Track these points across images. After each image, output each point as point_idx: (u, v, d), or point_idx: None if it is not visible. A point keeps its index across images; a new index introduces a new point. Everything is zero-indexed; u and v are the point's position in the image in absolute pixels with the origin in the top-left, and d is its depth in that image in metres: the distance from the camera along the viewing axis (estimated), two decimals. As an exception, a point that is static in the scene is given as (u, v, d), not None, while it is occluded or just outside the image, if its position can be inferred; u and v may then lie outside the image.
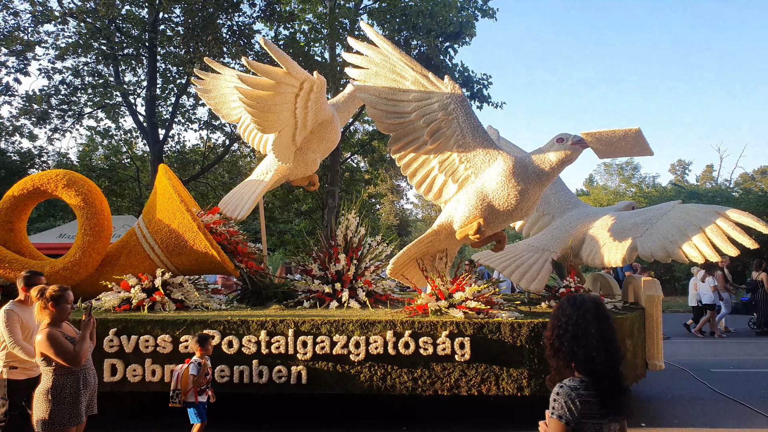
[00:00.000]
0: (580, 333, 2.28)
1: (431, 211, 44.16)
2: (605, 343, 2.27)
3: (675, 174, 48.14)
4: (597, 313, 2.31)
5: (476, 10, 18.43)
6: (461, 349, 5.37)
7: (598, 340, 2.26)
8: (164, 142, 19.40)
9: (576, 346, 2.27)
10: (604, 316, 2.34)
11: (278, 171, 7.46)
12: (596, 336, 2.27)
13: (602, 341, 2.27)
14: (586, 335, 2.27)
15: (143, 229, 6.71)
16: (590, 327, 2.28)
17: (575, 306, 2.35)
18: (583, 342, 2.26)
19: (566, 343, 2.29)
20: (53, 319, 3.82)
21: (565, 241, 7.03)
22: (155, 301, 6.17)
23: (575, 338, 2.28)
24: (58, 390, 3.74)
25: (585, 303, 2.35)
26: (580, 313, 2.32)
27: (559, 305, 2.45)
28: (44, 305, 3.82)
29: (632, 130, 5.45)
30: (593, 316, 2.30)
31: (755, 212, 11.45)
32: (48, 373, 3.77)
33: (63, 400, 3.72)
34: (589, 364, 2.24)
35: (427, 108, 5.95)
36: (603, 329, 2.29)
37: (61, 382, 3.75)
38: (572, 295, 2.45)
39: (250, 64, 5.51)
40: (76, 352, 3.76)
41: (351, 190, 21.05)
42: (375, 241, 7.31)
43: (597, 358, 2.24)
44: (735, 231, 5.68)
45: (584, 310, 2.32)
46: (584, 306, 2.34)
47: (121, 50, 18.14)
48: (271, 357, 5.48)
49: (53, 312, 3.82)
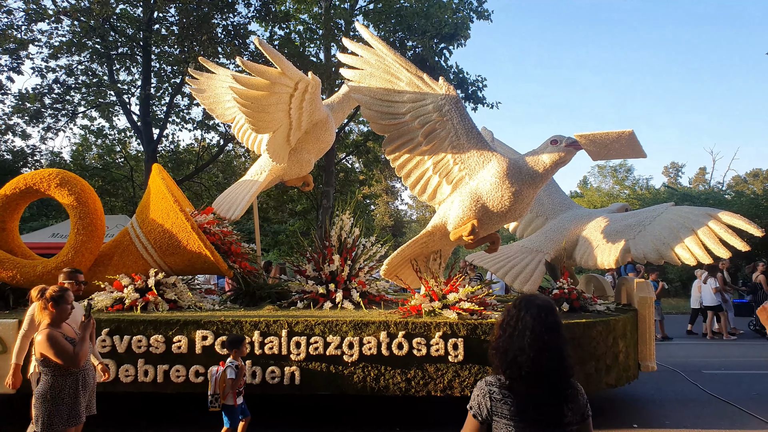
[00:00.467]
0: (516, 334, 2.19)
1: (426, 212, 44.21)
2: (536, 350, 2.15)
3: (668, 176, 48.38)
4: (538, 318, 2.20)
5: (471, 11, 18.49)
6: (455, 350, 5.38)
7: (529, 345, 2.15)
8: (158, 141, 19.34)
9: (509, 346, 2.20)
10: (548, 322, 2.21)
11: (272, 171, 7.45)
12: (528, 340, 2.16)
13: (533, 347, 2.15)
14: (520, 337, 2.18)
15: (136, 229, 6.68)
16: (526, 330, 2.18)
17: (519, 306, 2.26)
18: (516, 343, 2.18)
19: (501, 343, 2.23)
20: (53, 320, 3.80)
21: (558, 242, 7.06)
22: (148, 301, 6.14)
23: (510, 338, 2.21)
24: (56, 391, 3.72)
25: (530, 305, 2.25)
26: (521, 314, 2.23)
27: (509, 304, 2.37)
28: (44, 305, 3.81)
29: (626, 132, 5.48)
30: (533, 319, 2.20)
31: (747, 215, 11.52)
32: (46, 374, 3.75)
33: (62, 401, 3.71)
34: (513, 366, 2.16)
35: (422, 109, 5.96)
36: (538, 334, 2.18)
37: (59, 383, 3.73)
38: (525, 295, 2.36)
39: (245, 64, 5.50)
40: (75, 353, 3.74)
41: (345, 191, 21.05)
42: (369, 242, 7.30)
43: (523, 363, 2.14)
44: (726, 233, 5.72)
45: (525, 312, 2.23)
46: (528, 308, 2.24)
47: (115, 49, 18.07)
48: (265, 357, 5.46)
49: (53, 312, 3.80)
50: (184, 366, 5.45)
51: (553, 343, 2.17)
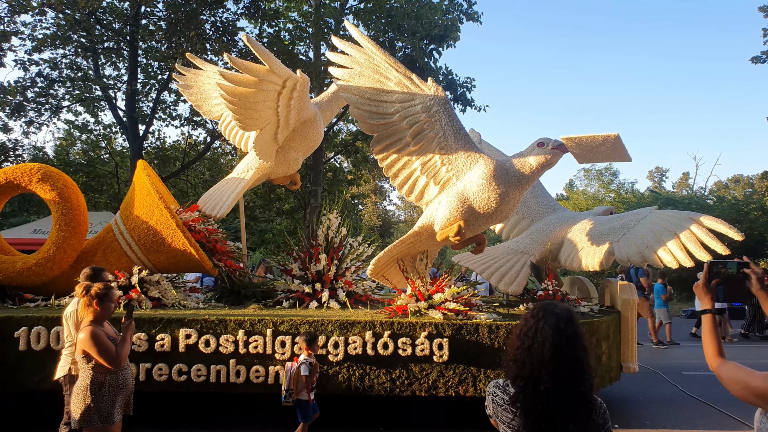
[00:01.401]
0: (536, 346, 2.08)
1: (414, 212, 44.26)
2: (555, 364, 2.05)
3: (653, 181, 48.90)
4: (557, 327, 2.10)
5: (461, 13, 18.55)
6: (440, 350, 5.39)
7: (549, 358, 2.05)
8: (144, 138, 19.17)
9: (527, 359, 2.09)
10: (567, 333, 2.10)
11: (259, 169, 7.42)
12: (548, 353, 2.05)
13: (553, 361, 2.05)
14: (539, 349, 2.07)
15: (120, 226, 6.61)
16: (546, 341, 2.07)
17: (537, 316, 2.15)
18: (536, 356, 2.07)
19: (519, 354, 2.12)
20: (96, 317, 3.80)
21: (543, 244, 7.10)
22: (131, 299, 6.08)
23: (529, 351, 2.09)
24: (97, 387, 3.71)
25: (548, 315, 2.14)
26: (540, 325, 2.11)
27: (527, 312, 2.26)
28: (89, 302, 3.80)
29: (611, 135, 5.52)
30: (552, 329, 2.09)
31: (728, 219, 11.69)
32: (87, 370, 3.74)
33: (101, 398, 3.70)
34: (529, 381, 2.06)
35: (410, 109, 5.96)
36: (558, 346, 2.06)
37: (100, 380, 3.73)
38: (543, 303, 2.24)
39: (233, 61, 5.47)
40: (117, 354, 3.73)
41: (333, 191, 21.01)
42: (356, 242, 7.30)
43: (542, 377, 2.04)
44: (708, 237, 5.79)
45: (544, 322, 2.12)
46: (546, 317, 2.13)
47: (101, 43, 17.87)
48: (249, 357, 5.44)
49: (97, 310, 3.80)
50: (167, 365, 5.41)
51: (572, 355, 2.08)
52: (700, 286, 2.41)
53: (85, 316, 3.82)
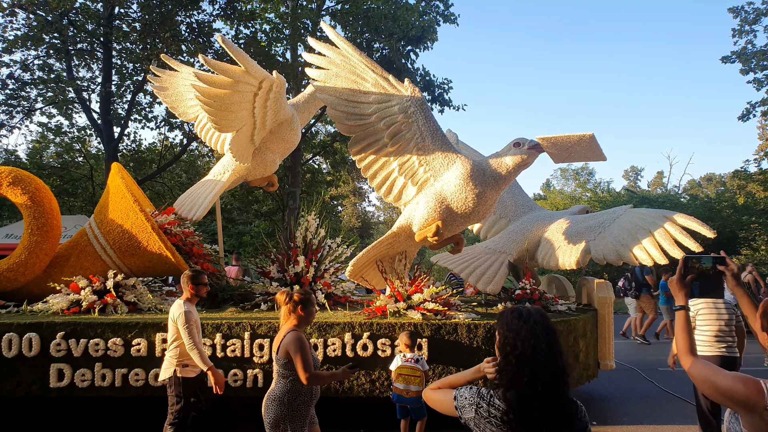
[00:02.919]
0: (529, 351, 2.03)
1: (393, 213, 44.30)
2: (554, 358, 2.03)
3: (628, 180, 49.67)
4: (546, 326, 2.08)
5: (438, 15, 18.62)
6: (419, 350, 5.40)
7: (547, 355, 2.02)
8: (119, 140, 18.85)
9: (522, 365, 2.03)
10: (552, 328, 2.11)
11: (236, 171, 7.35)
12: (546, 351, 2.03)
13: (551, 356, 2.03)
14: (535, 352, 2.03)
15: (95, 230, 6.50)
16: (540, 342, 2.04)
17: (522, 319, 2.11)
18: (530, 360, 2.02)
19: (513, 360, 2.05)
20: (300, 322, 3.80)
21: (521, 243, 7.16)
22: (107, 304, 5.98)
23: (523, 356, 2.04)
24: (293, 396, 3.66)
25: (532, 315, 2.11)
26: (528, 327, 2.07)
27: (502, 319, 2.18)
28: (293, 309, 3.80)
29: (586, 135, 5.58)
30: (542, 329, 2.07)
31: (701, 217, 11.90)
32: (285, 377, 3.69)
33: (296, 408, 3.66)
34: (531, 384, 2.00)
35: (388, 110, 5.97)
36: (552, 343, 2.05)
37: (297, 388, 3.68)
38: (515, 307, 2.20)
39: (208, 62, 5.41)
40: (316, 374, 3.67)
41: (312, 192, 20.91)
42: (335, 243, 7.27)
43: (542, 376, 2.00)
44: (681, 235, 5.89)
45: (533, 324, 2.08)
46: (532, 318, 2.10)
47: (74, 45, 17.54)
48: (227, 360, 5.39)
49: (302, 315, 3.79)
50: (143, 369, 5.33)
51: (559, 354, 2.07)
52: (674, 282, 2.37)
53: (287, 321, 3.82)
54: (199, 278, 4.70)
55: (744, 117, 21.41)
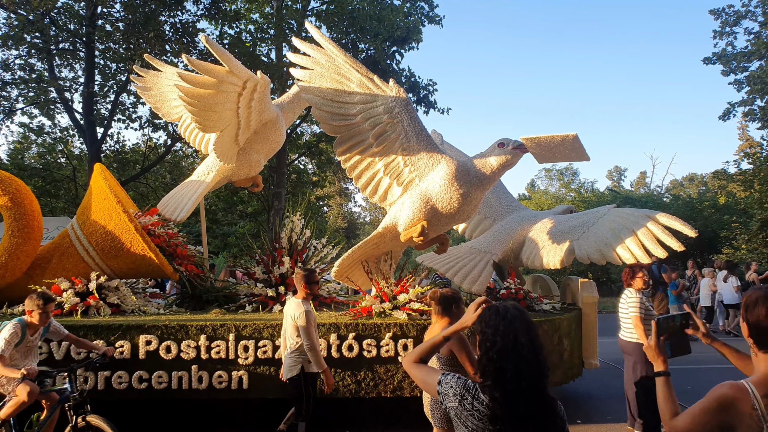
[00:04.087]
0: (510, 345, 2.04)
1: (379, 214, 44.30)
2: (535, 353, 2.04)
3: (612, 180, 50.13)
4: (524, 320, 2.09)
5: (423, 16, 18.67)
6: (405, 350, 5.40)
7: (528, 350, 2.03)
8: (103, 140, 18.64)
9: (504, 360, 2.03)
10: (531, 322, 2.12)
11: (220, 171, 7.31)
12: (527, 346, 2.03)
13: (533, 351, 2.03)
14: (516, 346, 2.03)
15: (77, 231, 6.43)
16: (520, 336, 2.04)
17: (500, 315, 2.11)
18: (512, 355, 2.02)
19: (495, 356, 2.05)
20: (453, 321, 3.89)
21: (505, 243, 7.20)
22: (89, 306, 5.92)
23: (503, 351, 2.04)
24: None
25: (509, 310, 2.11)
26: (507, 322, 2.08)
27: (481, 317, 2.19)
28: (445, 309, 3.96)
29: (570, 135, 5.62)
30: (521, 323, 2.07)
31: (683, 217, 12.06)
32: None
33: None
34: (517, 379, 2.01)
35: (373, 111, 5.97)
36: (533, 338, 2.06)
37: None
38: (493, 305, 2.20)
39: (191, 62, 5.37)
40: None
41: (297, 193, 20.86)
42: (320, 244, 7.26)
43: (526, 371, 2.01)
44: (664, 234, 5.95)
45: (511, 318, 2.08)
46: (509, 313, 2.10)
47: (56, 44, 17.31)
48: (211, 362, 5.35)
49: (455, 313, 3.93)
50: (127, 372, 5.28)
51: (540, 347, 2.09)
52: (652, 348, 2.36)
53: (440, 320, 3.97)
54: (313, 277, 4.81)
55: (725, 117, 21.72)
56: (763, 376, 2.14)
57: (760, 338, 2.18)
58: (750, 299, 2.25)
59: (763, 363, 2.18)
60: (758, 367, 2.20)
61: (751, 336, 2.21)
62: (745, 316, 2.24)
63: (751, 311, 2.21)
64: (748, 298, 2.26)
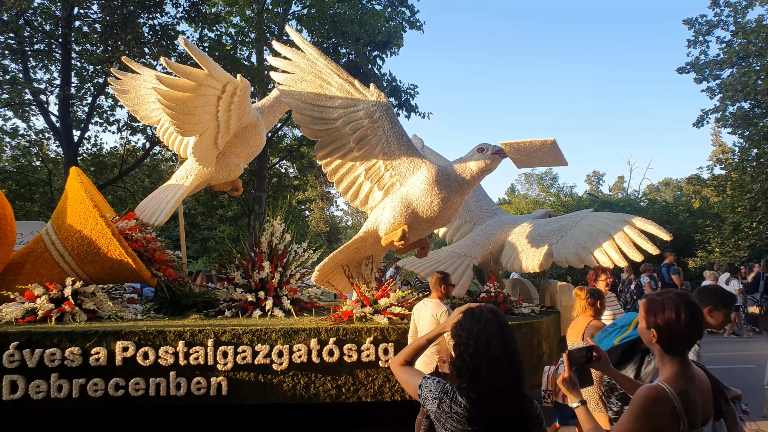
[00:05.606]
0: (482, 347, 2.07)
1: (361, 218, 44.28)
2: (509, 355, 2.07)
3: (590, 184, 50.79)
4: (498, 323, 2.12)
5: (404, 21, 18.76)
6: (385, 354, 5.40)
7: (501, 352, 2.06)
8: (79, 143, 18.35)
9: (479, 362, 2.07)
10: (506, 325, 2.15)
11: (199, 175, 7.24)
12: (499, 348, 2.07)
13: (506, 353, 2.07)
14: (488, 348, 2.07)
15: (52, 236, 6.31)
16: (493, 339, 2.08)
17: (475, 318, 2.15)
18: (485, 356, 2.06)
19: (468, 359, 2.09)
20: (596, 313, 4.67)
21: (485, 247, 7.24)
22: (64, 312, 5.80)
23: (477, 354, 2.08)
24: None
25: (484, 314, 2.16)
26: (481, 325, 2.12)
27: (458, 322, 2.22)
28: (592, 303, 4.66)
29: (548, 141, 5.69)
30: (495, 327, 2.11)
31: (659, 221, 12.21)
32: None
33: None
34: (489, 381, 2.04)
35: (353, 115, 5.97)
36: (506, 341, 2.10)
37: None
38: (471, 308, 2.24)
39: (170, 65, 5.32)
40: None
41: (279, 196, 20.74)
42: (301, 248, 7.21)
43: (500, 374, 2.04)
44: (640, 238, 6.05)
45: (485, 322, 2.12)
46: (483, 317, 2.14)
47: (30, 45, 17.02)
48: (190, 368, 5.28)
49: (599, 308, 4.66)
50: (102, 379, 5.18)
51: (515, 345, 2.13)
52: (567, 382, 2.35)
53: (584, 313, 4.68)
54: (449, 280, 5.42)
55: (698, 123, 22.15)
56: (671, 377, 2.18)
57: (672, 342, 2.20)
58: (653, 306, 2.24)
59: (669, 366, 2.21)
60: (664, 370, 2.22)
61: (659, 342, 2.22)
62: (652, 322, 2.23)
63: (660, 316, 2.20)
64: (651, 304, 2.25)
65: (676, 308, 2.18)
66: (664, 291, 2.27)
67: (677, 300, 2.20)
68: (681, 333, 2.18)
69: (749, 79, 19.11)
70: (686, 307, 2.18)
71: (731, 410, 2.28)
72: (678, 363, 2.20)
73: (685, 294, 2.24)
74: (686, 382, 2.15)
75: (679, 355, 2.21)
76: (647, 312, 2.25)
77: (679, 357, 2.21)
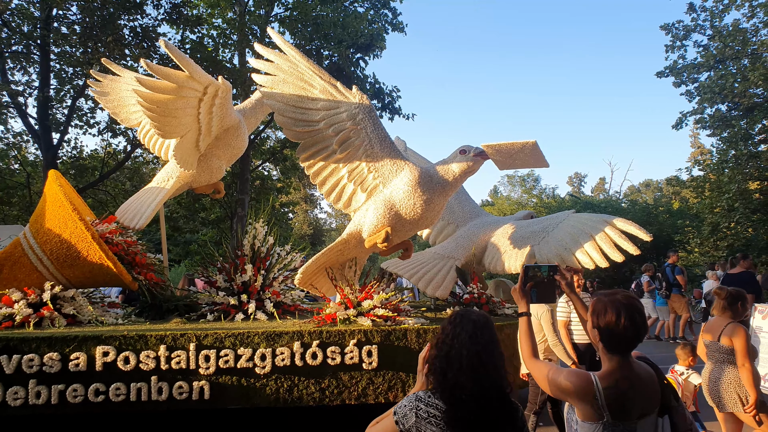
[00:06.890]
0: (453, 353, 2.09)
1: (345, 220, 44.25)
2: (473, 369, 2.07)
3: (572, 186, 51.28)
4: (473, 334, 2.13)
5: (386, 23, 18.80)
6: (369, 357, 5.39)
7: (467, 365, 2.06)
8: (59, 146, 18.09)
9: (447, 368, 2.09)
10: (483, 339, 2.14)
11: (180, 178, 7.18)
12: (465, 360, 2.07)
13: (470, 366, 2.07)
14: (457, 356, 2.08)
15: (30, 240, 6.21)
16: (462, 348, 2.09)
17: (454, 323, 2.18)
18: (455, 364, 2.07)
19: (437, 362, 2.12)
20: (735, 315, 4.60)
21: (468, 248, 7.28)
22: (43, 317, 5.71)
23: (447, 358, 2.10)
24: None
25: (465, 321, 2.17)
26: (456, 331, 2.13)
27: (444, 320, 2.25)
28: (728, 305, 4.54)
29: (530, 143, 5.73)
30: (468, 336, 2.11)
31: (639, 222, 12.37)
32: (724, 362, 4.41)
33: None
34: (455, 389, 2.06)
35: (336, 117, 5.97)
36: (474, 353, 2.09)
37: None
38: (460, 311, 2.26)
39: (150, 67, 5.27)
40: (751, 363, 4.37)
41: (261, 199, 20.62)
42: (284, 251, 7.18)
43: (465, 384, 2.05)
44: (620, 238, 6.13)
45: (461, 329, 2.14)
46: (463, 324, 2.16)
47: (8, 47, 16.75)
48: (172, 372, 5.23)
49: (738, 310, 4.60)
50: (82, 385, 5.11)
51: (490, 361, 2.11)
52: (517, 290, 2.55)
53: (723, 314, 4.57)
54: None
55: (677, 126, 22.49)
56: (607, 372, 2.31)
57: (611, 342, 2.33)
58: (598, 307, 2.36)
59: (607, 363, 2.34)
60: (603, 365, 2.37)
61: (602, 341, 2.36)
62: (595, 323, 2.36)
63: (602, 318, 2.32)
64: (597, 305, 2.38)
65: (617, 312, 2.27)
66: (612, 292, 2.36)
67: (619, 304, 2.29)
68: (620, 335, 2.28)
69: (726, 81, 19.45)
70: (627, 311, 2.26)
71: (680, 407, 2.35)
72: (617, 361, 2.31)
73: (630, 297, 2.33)
74: (621, 379, 2.24)
75: (618, 354, 2.32)
76: (592, 312, 2.37)
77: (619, 356, 2.32)
